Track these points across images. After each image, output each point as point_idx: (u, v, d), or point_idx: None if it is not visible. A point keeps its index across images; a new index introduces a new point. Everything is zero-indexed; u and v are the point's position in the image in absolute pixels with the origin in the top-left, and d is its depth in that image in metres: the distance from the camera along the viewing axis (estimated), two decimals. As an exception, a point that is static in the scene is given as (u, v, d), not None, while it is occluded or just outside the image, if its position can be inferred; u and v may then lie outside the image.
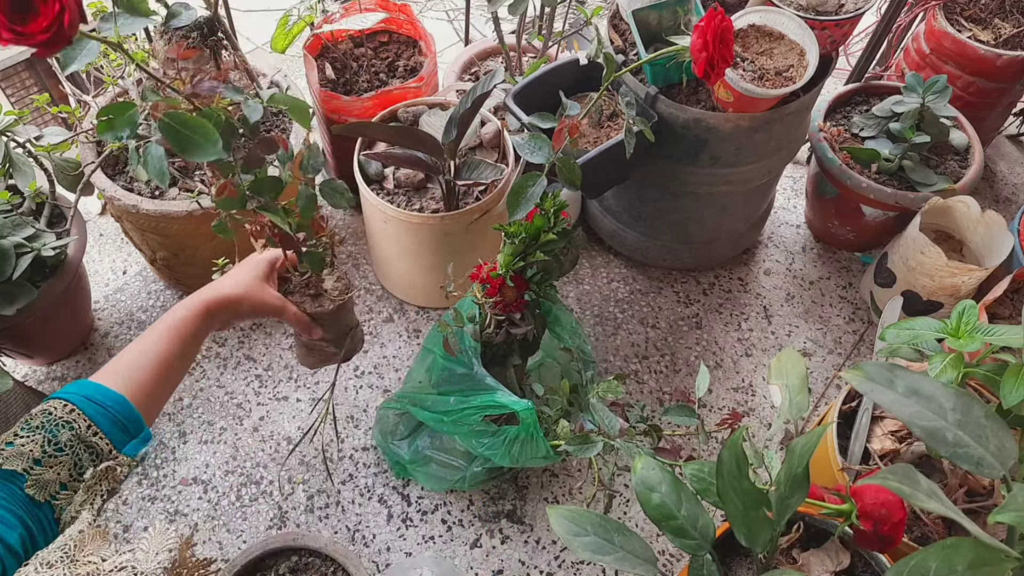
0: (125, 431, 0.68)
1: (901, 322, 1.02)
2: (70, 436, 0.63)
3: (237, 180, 0.85)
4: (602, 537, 0.88)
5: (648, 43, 1.45)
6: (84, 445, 0.64)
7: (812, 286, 1.90)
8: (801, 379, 1.01)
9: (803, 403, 1.00)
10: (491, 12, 1.57)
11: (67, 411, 0.65)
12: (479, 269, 1.16)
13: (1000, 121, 2.15)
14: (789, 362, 1.04)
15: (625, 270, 1.89)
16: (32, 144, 1.38)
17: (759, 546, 0.82)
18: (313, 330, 1.02)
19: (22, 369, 1.63)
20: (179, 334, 0.81)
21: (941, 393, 0.71)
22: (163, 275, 1.74)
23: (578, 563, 1.43)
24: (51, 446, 0.62)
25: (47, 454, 0.61)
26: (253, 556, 1.16)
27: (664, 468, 0.90)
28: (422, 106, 1.65)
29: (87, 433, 0.64)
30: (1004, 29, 1.92)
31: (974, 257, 1.70)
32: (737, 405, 1.66)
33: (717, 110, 1.45)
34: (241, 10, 2.20)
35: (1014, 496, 0.65)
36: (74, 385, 0.70)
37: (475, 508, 1.48)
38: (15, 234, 1.34)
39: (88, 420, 0.65)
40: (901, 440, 1.19)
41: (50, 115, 1.50)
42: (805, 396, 1.00)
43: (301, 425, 1.57)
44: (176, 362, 0.79)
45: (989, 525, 0.89)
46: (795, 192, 2.10)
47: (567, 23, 1.95)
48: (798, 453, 0.79)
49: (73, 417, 0.64)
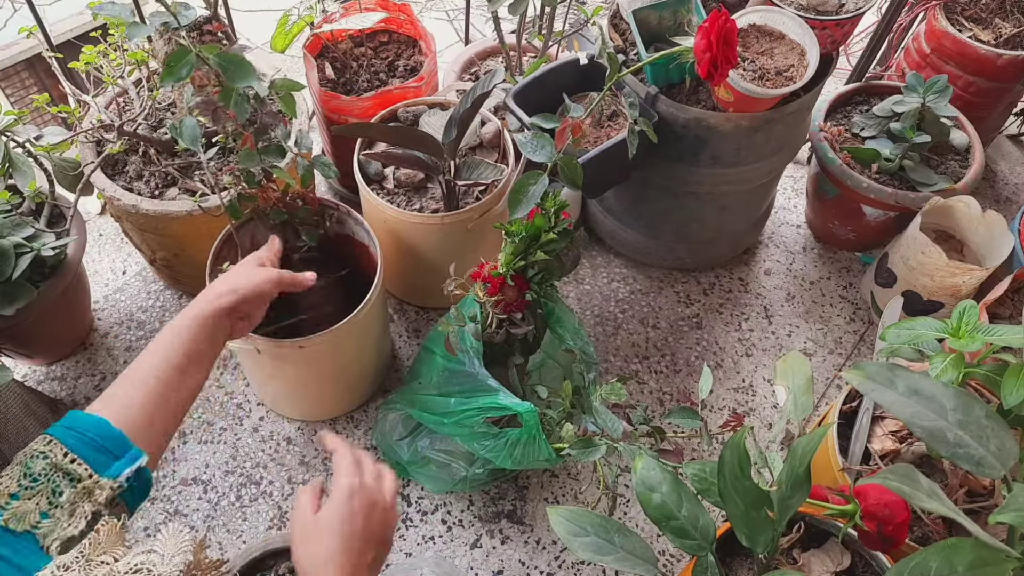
0: (107, 453, 0.66)
1: (902, 322, 1.01)
2: (44, 465, 0.62)
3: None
4: (602, 537, 0.89)
5: (648, 43, 1.45)
6: (61, 472, 0.62)
7: (813, 286, 1.90)
8: (806, 380, 1.02)
9: (807, 404, 1.00)
10: (491, 12, 1.57)
11: (44, 443, 0.64)
12: (481, 268, 1.16)
13: (1001, 121, 2.15)
14: (795, 364, 1.04)
15: (625, 270, 1.89)
16: (32, 144, 1.38)
17: (760, 546, 0.82)
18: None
19: (22, 369, 1.63)
20: (172, 345, 0.78)
21: (942, 393, 0.71)
22: (163, 275, 1.74)
23: (578, 563, 1.43)
24: (26, 479, 0.61)
25: (23, 487, 0.61)
26: (253, 556, 1.16)
27: (664, 468, 0.90)
28: (422, 106, 1.65)
29: (64, 461, 0.63)
30: (1005, 29, 1.92)
31: (975, 257, 1.70)
32: (738, 405, 1.66)
33: (717, 110, 1.45)
34: (241, 10, 2.20)
35: (1015, 496, 0.65)
36: (65, 417, 0.69)
37: (475, 508, 1.48)
38: (15, 234, 1.34)
39: (64, 448, 0.63)
40: (902, 440, 1.19)
41: (50, 115, 1.50)
42: (810, 397, 1.00)
43: (301, 425, 1.57)
44: (175, 376, 0.76)
45: (990, 525, 0.89)
46: (795, 192, 2.10)
47: (567, 23, 1.95)
48: (800, 453, 0.79)
49: (49, 448, 0.63)
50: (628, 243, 1.84)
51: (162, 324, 1.70)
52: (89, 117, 1.52)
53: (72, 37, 2.15)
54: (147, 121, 1.55)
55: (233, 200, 1.28)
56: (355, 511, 0.72)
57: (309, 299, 1.46)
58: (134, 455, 0.67)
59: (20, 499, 0.60)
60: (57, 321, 1.54)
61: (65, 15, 2.31)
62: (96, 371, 1.63)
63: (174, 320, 0.81)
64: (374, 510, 0.74)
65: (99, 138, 1.52)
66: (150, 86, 1.56)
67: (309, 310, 1.46)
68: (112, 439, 0.67)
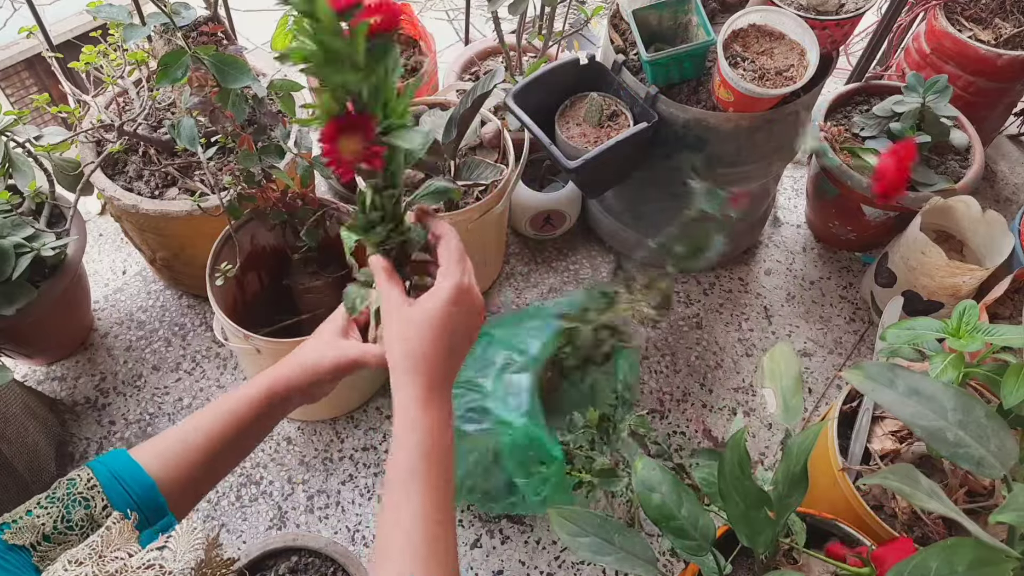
0: (143, 518, 0.63)
1: (902, 322, 1.01)
2: (83, 516, 0.61)
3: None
4: (602, 537, 0.88)
5: (648, 43, 1.45)
6: (96, 527, 0.60)
7: (812, 286, 1.90)
8: (795, 380, 0.96)
9: (798, 406, 0.94)
10: (491, 12, 1.57)
11: (88, 486, 0.62)
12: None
13: (1001, 121, 2.15)
14: (782, 360, 0.99)
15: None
16: (32, 144, 1.38)
17: (760, 546, 0.82)
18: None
19: (22, 369, 1.63)
20: (236, 418, 0.70)
21: (942, 393, 0.71)
22: (163, 275, 1.74)
23: (578, 563, 1.43)
24: (63, 523, 0.60)
25: (58, 531, 0.60)
26: (253, 556, 1.16)
27: (665, 469, 0.90)
28: (422, 106, 1.65)
29: (101, 515, 0.61)
30: (1005, 29, 1.92)
31: (975, 257, 1.69)
32: (738, 405, 1.66)
33: (717, 110, 1.45)
34: (241, 10, 2.20)
35: (1015, 496, 0.65)
36: (111, 455, 0.66)
37: (475, 508, 1.48)
38: (15, 234, 1.34)
39: (105, 500, 0.62)
40: (902, 440, 1.18)
41: (50, 115, 1.50)
42: (800, 398, 0.95)
43: (301, 425, 1.57)
44: (228, 450, 0.70)
45: (990, 525, 0.88)
46: (795, 192, 2.10)
47: (567, 23, 1.95)
48: (795, 452, 0.79)
49: (92, 494, 0.62)
50: (628, 243, 1.84)
51: (162, 324, 1.71)
52: (89, 117, 1.52)
53: (72, 37, 2.15)
54: (147, 121, 1.55)
55: (233, 200, 1.28)
56: (458, 314, 0.65)
57: (309, 299, 1.46)
58: (165, 524, 0.65)
59: (52, 542, 0.59)
60: (57, 321, 1.54)
61: (65, 15, 2.31)
62: (96, 371, 1.63)
63: (247, 389, 0.72)
64: (473, 316, 0.67)
65: (99, 138, 1.52)
66: (150, 86, 1.55)
67: (309, 310, 1.46)
68: (153, 507, 0.64)
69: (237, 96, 1.05)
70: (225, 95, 1.04)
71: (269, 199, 1.28)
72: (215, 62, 1.00)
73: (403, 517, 0.60)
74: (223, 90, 1.04)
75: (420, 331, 0.63)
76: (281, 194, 1.30)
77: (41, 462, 1.43)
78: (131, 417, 1.57)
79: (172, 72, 0.97)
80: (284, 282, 1.47)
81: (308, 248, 1.39)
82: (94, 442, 1.53)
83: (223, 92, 1.04)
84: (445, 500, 0.63)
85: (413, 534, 0.60)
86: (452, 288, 0.65)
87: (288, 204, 1.31)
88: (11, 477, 1.33)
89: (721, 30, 1.38)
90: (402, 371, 0.64)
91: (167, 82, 0.98)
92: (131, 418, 1.57)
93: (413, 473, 0.61)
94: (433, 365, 0.64)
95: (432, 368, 0.64)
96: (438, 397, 0.64)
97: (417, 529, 0.60)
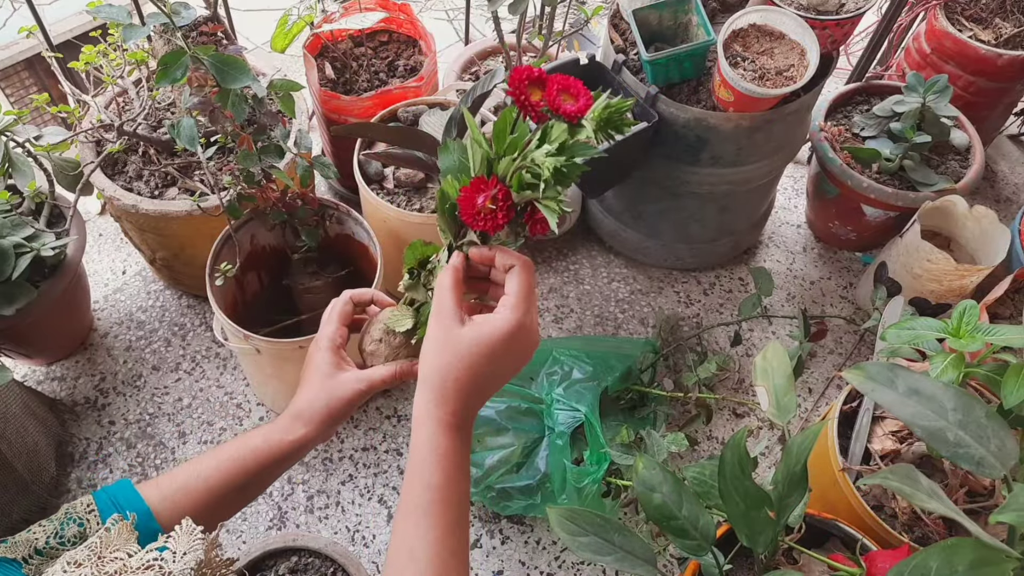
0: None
1: (902, 322, 1.01)
2: (76, 532, 0.61)
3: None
4: (602, 537, 0.88)
5: (648, 43, 1.45)
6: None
7: (813, 286, 1.90)
8: (787, 378, 0.96)
9: (791, 404, 0.94)
10: (491, 11, 1.57)
11: (86, 508, 0.63)
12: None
13: (1001, 121, 2.15)
14: (775, 359, 0.98)
15: (625, 270, 1.89)
16: (31, 144, 1.38)
17: (760, 546, 0.82)
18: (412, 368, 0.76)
19: (22, 369, 1.62)
20: (243, 467, 0.69)
21: (942, 393, 0.71)
22: (163, 275, 1.74)
23: (578, 563, 1.43)
24: (55, 538, 0.61)
25: (50, 545, 0.60)
26: (253, 556, 1.16)
27: (665, 469, 0.90)
28: (422, 106, 1.65)
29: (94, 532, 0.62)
30: (1005, 29, 1.92)
31: (964, 252, 1.69)
32: (738, 405, 1.66)
33: (718, 110, 1.45)
34: (241, 10, 2.20)
35: (1015, 496, 0.65)
36: (116, 484, 0.66)
37: (475, 508, 1.48)
38: (14, 234, 1.34)
39: (100, 521, 0.62)
40: (902, 440, 1.18)
41: (49, 115, 1.50)
42: (793, 396, 0.94)
43: (301, 425, 1.57)
44: (234, 495, 0.69)
45: (990, 525, 0.88)
46: (796, 192, 2.10)
47: (567, 23, 1.95)
48: (795, 451, 0.79)
49: (88, 516, 0.63)
50: (628, 243, 1.84)
51: (162, 324, 1.70)
52: (89, 117, 1.52)
53: (72, 37, 2.16)
54: (147, 121, 1.55)
55: (232, 200, 1.28)
56: (509, 352, 0.60)
57: (309, 299, 1.46)
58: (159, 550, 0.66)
59: (44, 556, 0.60)
60: (57, 321, 1.54)
61: (65, 15, 2.31)
62: (96, 371, 1.63)
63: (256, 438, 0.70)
64: (523, 358, 0.63)
65: (99, 138, 1.52)
66: (150, 86, 1.56)
67: (309, 310, 1.46)
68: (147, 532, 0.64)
69: (237, 96, 1.05)
70: (225, 95, 1.04)
71: (269, 199, 1.28)
72: (215, 62, 0.99)
73: (416, 547, 0.58)
74: (223, 90, 1.03)
75: (465, 353, 0.60)
76: (281, 194, 1.30)
77: (41, 462, 1.43)
78: (131, 417, 1.57)
79: (172, 72, 0.96)
80: (284, 282, 1.47)
81: (308, 248, 1.39)
82: (94, 442, 1.53)
83: (223, 92, 1.04)
84: (461, 528, 0.61)
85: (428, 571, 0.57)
86: (515, 323, 0.60)
87: (288, 204, 1.31)
88: (11, 477, 1.33)
89: (721, 30, 1.38)
90: (430, 387, 0.61)
91: (167, 82, 0.97)
92: (131, 418, 1.57)
93: (430, 503, 0.59)
94: (466, 392, 0.61)
95: (464, 394, 0.61)
96: (463, 423, 0.61)
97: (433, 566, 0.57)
